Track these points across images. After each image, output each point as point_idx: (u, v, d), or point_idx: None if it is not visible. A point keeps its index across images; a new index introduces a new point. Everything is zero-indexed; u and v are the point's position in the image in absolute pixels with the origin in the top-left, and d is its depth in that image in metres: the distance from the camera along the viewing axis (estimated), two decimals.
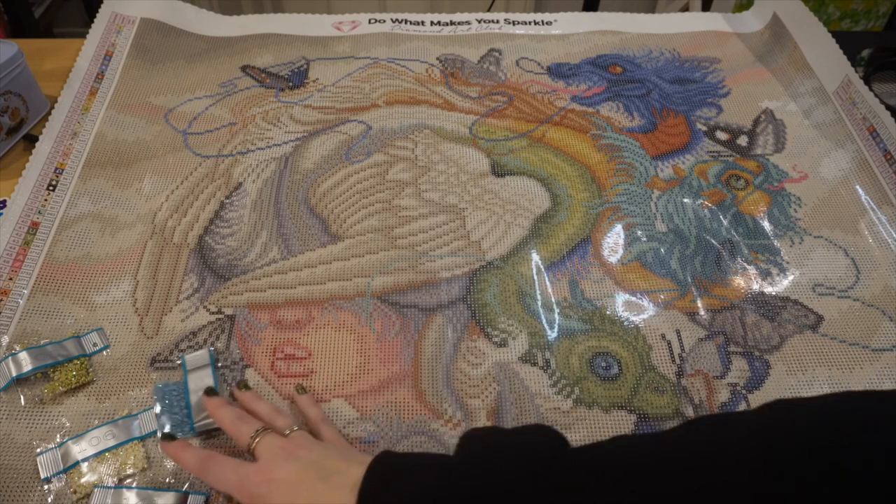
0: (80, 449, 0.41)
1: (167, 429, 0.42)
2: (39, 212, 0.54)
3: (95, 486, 0.40)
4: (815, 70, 0.67)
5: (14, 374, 0.44)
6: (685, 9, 1.38)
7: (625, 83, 0.69)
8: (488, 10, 0.79)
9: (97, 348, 0.47)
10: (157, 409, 0.43)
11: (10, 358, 0.45)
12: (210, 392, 0.43)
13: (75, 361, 0.45)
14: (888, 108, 0.60)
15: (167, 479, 0.41)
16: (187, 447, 0.40)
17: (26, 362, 0.44)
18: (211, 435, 0.43)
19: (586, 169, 0.60)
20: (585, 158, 0.61)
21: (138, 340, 0.47)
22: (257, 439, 0.38)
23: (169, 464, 0.41)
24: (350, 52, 0.72)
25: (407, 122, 0.64)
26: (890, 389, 0.33)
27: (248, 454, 0.39)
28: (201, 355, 0.45)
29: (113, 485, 0.40)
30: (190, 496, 0.40)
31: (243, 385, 0.44)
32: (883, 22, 1.36)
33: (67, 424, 0.43)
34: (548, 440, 0.35)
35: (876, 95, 0.61)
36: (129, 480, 0.40)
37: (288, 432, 0.39)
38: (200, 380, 0.44)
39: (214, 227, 0.55)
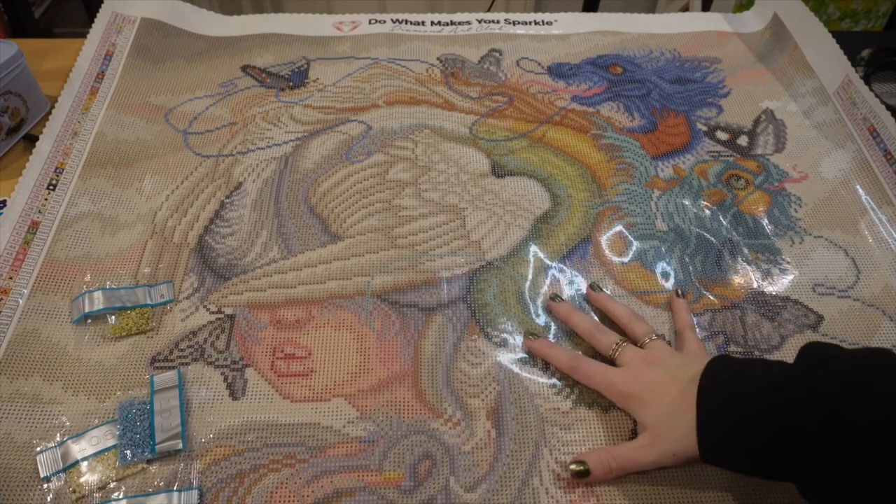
0: (80, 448, 0.41)
1: (127, 452, 0.41)
2: (40, 211, 0.54)
3: None
4: (815, 70, 0.67)
5: (87, 309, 0.47)
6: (685, 9, 1.38)
7: (625, 83, 0.69)
8: (488, 10, 0.79)
9: (163, 299, 0.49)
10: (119, 426, 0.42)
11: (86, 295, 0.48)
12: (554, 297, 0.49)
13: (138, 310, 0.48)
14: (888, 108, 0.60)
15: (156, 482, 0.40)
16: (555, 346, 0.46)
17: (99, 301, 0.48)
18: (172, 457, 0.42)
19: (586, 169, 0.60)
20: (586, 158, 0.61)
21: (138, 340, 0.47)
22: (618, 350, 0.44)
23: (154, 467, 0.41)
24: (350, 52, 0.72)
25: (407, 122, 0.64)
26: None
27: (609, 363, 0.44)
28: (170, 376, 0.45)
29: (100, 500, 0.40)
30: (182, 494, 0.40)
31: (597, 287, 0.49)
32: (883, 22, 1.36)
33: (67, 423, 0.43)
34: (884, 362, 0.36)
35: (876, 95, 0.61)
36: (115, 493, 0.40)
37: (647, 340, 0.44)
38: (167, 401, 0.43)
39: (214, 226, 0.55)
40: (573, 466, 0.40)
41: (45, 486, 0.40)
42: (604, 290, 0.49)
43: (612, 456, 0.40)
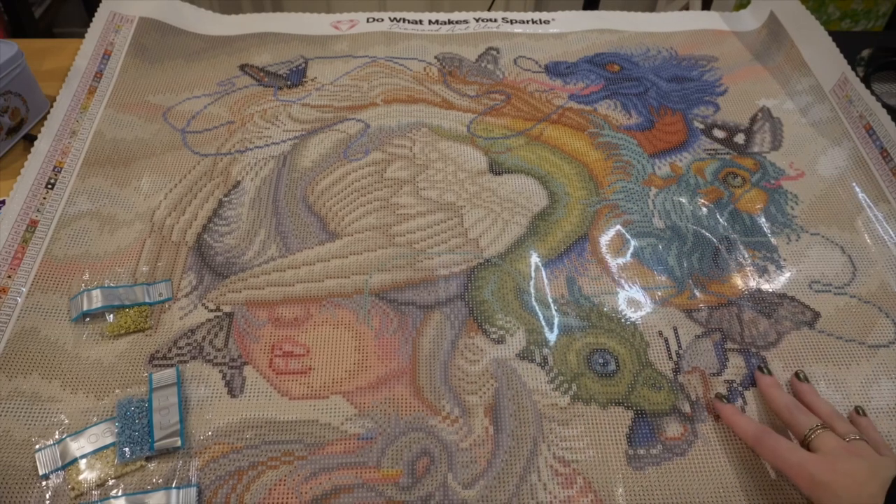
0: (79, 446, 0.41)
1: (126, 450, 0.41)
2: (38, 210, 0.54)
3: (80, 503, 0.39)
4: (811, 68, 0.67)
5: (85, 307, 0.48)
6: (686, 8, 1.38)
7: (622, 81, 0.69)
8: (489, 10, 0.79)
9: (161, 298, 0.49)
10: (117, 424, 0.42)
11: (85, 293, 0.48)
12: (762, 369, 0.45)
13: (136, 308, 0.48)
14: (888, 108, 0.60)
15: (154, 479, 0.41)
16: (740, 413, 0.43)
17: (97, 299, 0.48)
18: (171, 454, 0.42)
19: (584, 167, 0.60)
20: (583, 156, 0.61)
21: (137, 338, 0.47)
22: (817, 432, 0.39)
23: (152, 464, 0.41)
24: (348, 50, 0.72)
25: (405, 121, 0.64)
26: None
27: (802, 445, 0.40)
28: (168, 374, 0.45)
29: (99, 498, 0.40)
30: (181, 491, 0.40)
31: (803, 376, 0.45)
32: (883, 22, 1.36)
33: (66, 421, 0.43)
34: None
35: (876, 95, 0.61)
36: (114, 490, 0.40)
37: (848, 439, 0.39)
38: (165, 398, 0.43)
39: (213, 225, 0.55)
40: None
41: (44, 483, 0.40)
42: (808, 380, 0.46)
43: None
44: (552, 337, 0.48)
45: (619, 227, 0.55)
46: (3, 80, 0.58)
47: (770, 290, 0.51)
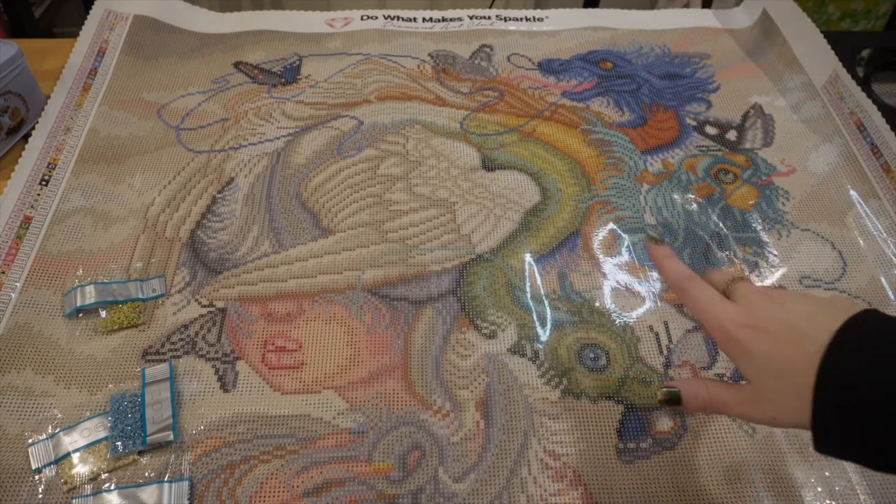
0: (72, 440, 0.42)
1: (119, 444, 0.41)
2: (32, 206, 0.54)
3: (73, 497, 0.39)
4: (803, 65, 0.67)
5: (78, 303, 0.48)
6: (686, 6, 1.38)
7: (615, 79, 0.69)
8: (490, 7, 0.79)
9: (154, 294, 0.50)
10: (110, 418, 0.42)
11: (78, 289, 0.48)
12: (654, 239, 0.40)
13: (129, 304, 0.48)
14: (889, 108, 0.60)
15: (147, 473, 0.41)
16: (675, 258, 0.38)
17: (90, 295, 0.48)
18: (163, 448, 0.42)
19: (576, 163, 0.60)
20: (575, 153, 0.61)
21: (130, 333, 0.47)
22: (736, 282, 0.35)
23: (145, 458, 0.41)
24: (342, 48, 0.72)
25: (398, 118, 0.64)
26: None
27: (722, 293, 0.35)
28: (161, 369, 0.45)
29: (91, 491, 0.40)
30: (173, 485, 0.40)
31: (658, 241, 0.40)
32: (883, 22, 1.36)
33: (59, 416, 0.43)
34: None
35: (876, 95, 0.61)
36: (107, 484, 0.40)
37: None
38: (158, 393, 0.44)
39: (206, 221, 0.55)
40: (662, 392, 0.36)
41: (37, 477, 0.40)
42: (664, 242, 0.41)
43: (709, 393, 0.34)
44: (543, 332, 0.48)
45: (611, 223, 0.56)
46: (3, 80, 0.58)
47: (761, 286, 0.51)
